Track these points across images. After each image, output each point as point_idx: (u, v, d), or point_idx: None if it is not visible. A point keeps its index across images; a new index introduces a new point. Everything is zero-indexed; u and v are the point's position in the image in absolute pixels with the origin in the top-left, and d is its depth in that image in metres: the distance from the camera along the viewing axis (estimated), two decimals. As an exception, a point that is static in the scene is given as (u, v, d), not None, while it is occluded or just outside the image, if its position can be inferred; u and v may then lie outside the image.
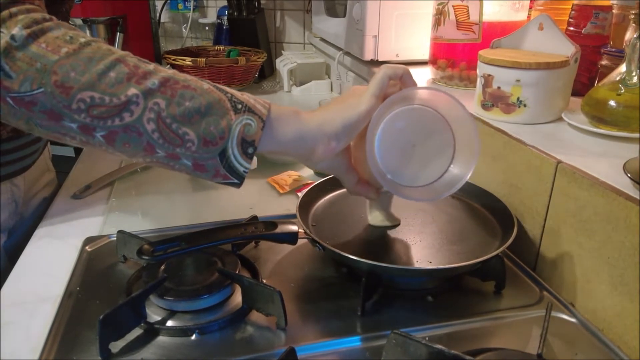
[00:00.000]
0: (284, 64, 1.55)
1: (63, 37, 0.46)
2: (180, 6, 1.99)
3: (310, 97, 1.48)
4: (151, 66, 0.48)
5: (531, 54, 0.77)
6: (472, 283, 0.61)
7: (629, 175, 0.53)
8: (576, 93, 0.79)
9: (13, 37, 0.44)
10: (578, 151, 0.64)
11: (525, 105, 0.74)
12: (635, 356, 0.50)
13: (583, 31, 0.82)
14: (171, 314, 0.55)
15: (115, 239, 0.66)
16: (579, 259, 0.58)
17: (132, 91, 0.45)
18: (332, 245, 0.58)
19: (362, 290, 0.56)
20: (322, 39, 1.55)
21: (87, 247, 0.69)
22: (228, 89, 0.50)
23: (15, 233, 0.80)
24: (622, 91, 0.66)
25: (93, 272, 0.64)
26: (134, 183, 0.92)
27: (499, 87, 0.76)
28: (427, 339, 0.48)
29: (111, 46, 0.48)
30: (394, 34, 1.13)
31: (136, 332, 0.53)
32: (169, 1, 1.96)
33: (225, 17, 1.74)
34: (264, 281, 0.61)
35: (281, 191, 0.87)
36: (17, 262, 0.67)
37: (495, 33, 0.87)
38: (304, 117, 0.52)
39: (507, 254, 0.67)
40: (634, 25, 0.68)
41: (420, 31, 1.11)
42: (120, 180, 0.93)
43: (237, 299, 0.57)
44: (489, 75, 0.76)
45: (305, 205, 0.70)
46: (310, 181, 0.87)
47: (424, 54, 1.07)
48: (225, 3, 1.71)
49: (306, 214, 0.69)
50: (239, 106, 0.48)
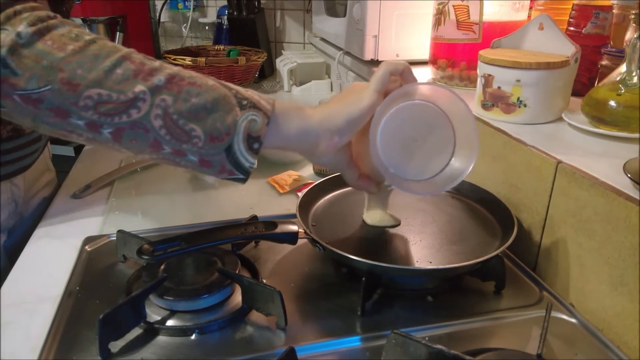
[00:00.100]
0: (284, 64, 1.55)
1: (68, 34, 0.46)
2: (180, 6, 1.99)
3: (310, 97, 1.47)
4: (157, 63, 0.48)
5: (531, 54, 0.77)
6: (472, 283, 0.61)
7: (629, 175, 0.53)
8: (576, 93, 0.79)
9: (19, 35, 0.44)
10: (578, 151, 0.64)
11: (525, 105, 0.74)
12: (635, 356, 0.50)
13: (583, 31, 0.82)
14: (171, 313, 0.55)
15: (115, 238, 0.66)
16: (578, 259, 0.58)
17: (139, 88, 0.45)
18: (332, 245, 0.58)
19: (362, 290, 0.56)
20: (322, 39, 1.55)
21: (86, 247, 0.69)
22: (233, 85, 0.50)
23: (15, 233, 0.80)
24: (622, 91, 0.66)
25: (93, 272, 0.64)
26: (134, 183, 0.92)
27: (499, 87, 0.76)
28: (427, 339, 0.48)
29: (116, 43, 0.48)
30: (394, 33, 1.13)
31: (136, 331, 0.53)
32: (168, 1, 1.96)
33: (225, 17, 1.74)
34: (264, 281, 0.61)
35: (281, 191, 0.87)
36: (16, 261, 0.67)
37: (495, 33, 0.87)
38: (307, 113, 0.52)
39: (507, 254, 0.67)
40: (634, 25, 0.68)
41: (421, 31, 1.11)
42: (120, 179, 0.93)
43: (237, 298, 0.57)
44: (489, 75, 0.76)
45: (305, 205, 0.70)
46: (310, 181, 0.87)
47: (424, 53, 1.07)
48: (225, 2, 1.71)
49: (306, 214, 0.69)
50: (244, 102, 0.48)
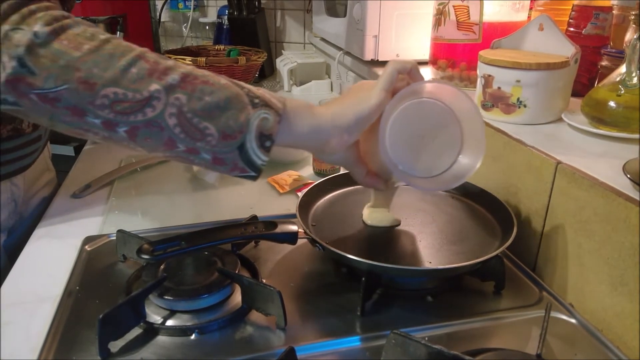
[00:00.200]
0: (284, 64, 1.55)
1: (83, 34, 0.46)
2: (181, 5, 1.99)
3: (310, 97, 1.47)
4: (170, 62, 0.48)
5: (531, 55, 0.77)
6: (471, 283, 0.61)
7: (628, 176, 0.53)
8: (576, 94, 0.79)
9: (36, 34, 0.44)
10: (578, 152, 0.64)
11: (525, 106, 0.74)
12: (634, 356, 0.50)
13: (583, 32, 0.82)
14: (171, 313, 0.55)
15: (115, 238, 0.66)
16: (578, 260, 0.58)
17: (154, 87, 0.46)
18: (331, 245, 0.58)
19: (362, 290, 0.56)
20: (323, 39, 1.55)
21: (86, 247, 0.69)
22: (244, 84, 0.51)
23: (14, 232, 0.80)
24: (622, 92, 0.66)
25: (92, 272, 0.64)
26: (134, 182, 0.92)
27: (499, 88, 0.76)
28: (426, 339, 0.48)
29: (130, 43, 0.48)
30: (394, 34, 1.14)
31: (135, 331, 0.53)
32: (169, 0, 1.96)
33: (226, 17, 1.74)
34: (264, 281, 0.61)
35: (281, 191, 0.87)
36: (16, 261, 0.67)
37: (495, 33, 0.87)
38: (318, 111, 0.53)
39: (507, 254, 0.67)
40: (634, 26, 0.68)
41: (421, 31, 1.12)
42: (120, 179, 0.93)
43: (237, 298, 0.57)
44: (489, 76, 0.76)
45: (305, 205, 0.70)
46: (310, 181, 0.87)
47: (424, 54, 1.07)
48: (225, 2, 1.71)
49: (306, 214, 0.69)
50: (256, 101, 0.49)
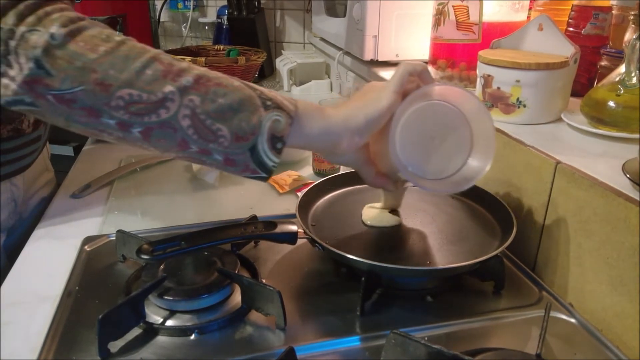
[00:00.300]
0: (283, 64, 1.55)
1: (99, 35, 0.46)
2: (180, 5, 1.99)
3: (310, 97, 1.47)
4: (184, 64, 0.49)
5: (531, 55, 0.77)
6: (471, 283, 0.61)
7: (628, 175, 0.53)
8: (575, 94, 0.79)
9: (52, 36, 0.44)
10: (577, 152, 0.64)
11: (524, 106, 0.74)
12: (634, 356, 0.50)
13: (582, 32, 0.82)
14: (170, 313, 0.55)
15: (115, 238, 0.66)
16: (578, 260, 0.58)
17: (168, 88, 0.46)
18: (331, 245, 0.58)
19: (362, 290, 0.56)
20: (322, 39, 1.55)
21: (86, 247, 0.69)
22: (257, 86, 0.51)
23: (14, 232, 0.80)
24: (622, 92, 0.67)
25: (92, 272, 0.64)
26: (134, 182, 0.92)
27: (498, 88, 0.76)
28: (426, 338, 0.48)
29: (144, 44, 0.49)
30: (394, 34, 1.14)
31: (135, 331, 0.53)
32: (168, 0, 1.96)
33: (225, 17, 1.74)
34: (264, 281, 0.61)
35: (281, 191, 0.87)
36: (16, 261, 0.67)
37: (495, 33, 0.87)
38: (329, 113, 0.53)
39: (507, 254, 0.67)
40: (633, 26, 0.68)
41: (420, 31, 1.11)
42: (119, 179, 0.93)
43: (237, 298, 0.57)
44: (489, 76, 0.76)
45: (305, 205, 0.70)
46: (310, 181, 0.87)
47: (424, 54, 1.07)
48: (225, 2, 1.71)
49: (306, 214, 0.69)
50: (268, 103, 0.49)
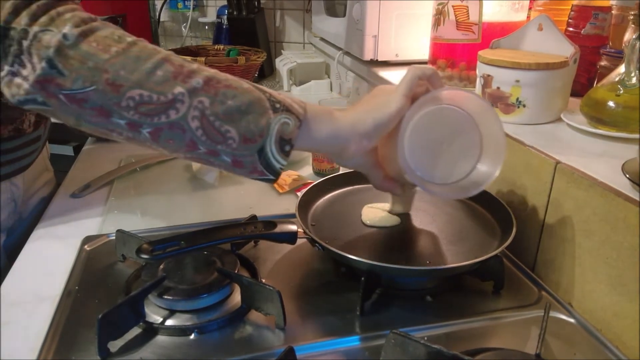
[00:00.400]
0: (283, 64, 1.55)
1: (111, 36, 0.47)
2: (180, 5, 1.99)
3: (309, 97, 1.47)
4: (194, 65, 0.49)
5: (530, 55, 0.77)
6: (471, 283, 0.61)
7: (627, 175, 0.53)
8: (575, 94, 0.79)
9: (65, 36, 0.45)
10: (577, 152, 0.64)
11: (524, 106, 0.74)
12: (633, 356, 0.50)
13: (582, 32, 0.82)
14: (170, 313, 0.55)
15: (115, 238, 0.66)
16: (577, 259, 0.58)
17: (178, 89, 0.46)
18: (331, 245, 0.58)
19: (361, 289, 0.56)
20: (322, 39, 1.55)
21: (86, 246, 0.69)
22: (266, 88, 0.51)
23: (14, 232, 0.80)
24: (621, 92, 0.67)
25: (92, 272, 0.64)
26: (134, 182, 0.92)
27: (498, 88, 0.76)
28: (425, 338, 0.48)
29: (155, 45, 0.49)
30: (394, 34, 1.14)
31: (135, 331, 0.53)
32: (168, 0, 1.96)
33: (225, 17, 1.74)
34: (263, 280, 0.61)
35: (280, 191, 0.87)
36: (16, 261, 0.67)
37: (494, 33, 0.87)
38: (337, 117, 0.53)
39: (506, 254, 0.67)
40: (633, 26, 0.68)
41: (420, 31, 1.12)
42: (119, 179, 0.93)
43: (236, 298, 0.57)
44: (489, 76, 0.76)
45: (305, 204, 0.70)
46: (309, 181, 0.87)
47: (424, 54, 1.07)
48: (225, 2, 1.71)
49: (305, 214, 0.69)
50: (277, 105, 0.49)
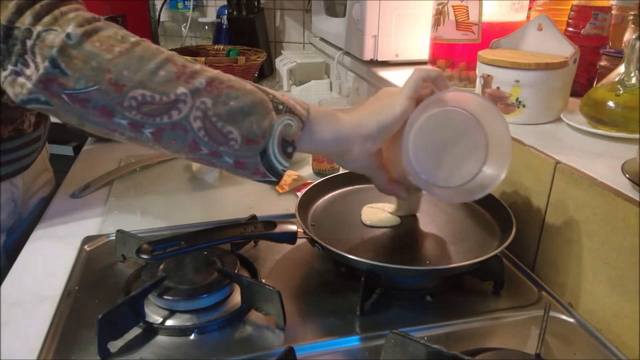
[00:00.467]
0: (283, 64, 1.55)
1: (115, 36, 0.47)
2: (180, 5, 1.99)
3: (309, 97, 1.47)
4: (197, 66, 0.49)
5: (530, 55, 0.77)
6: (471, 283, 0.61)
7: (627, 175, 0.53)
8: (575, 94, 0.79)
9: (68, 36, 0.45)
10: (577, 152, 0.64)
11: (524, 106, 0.74)
12: (633, 356, 0.51)
13: (582, 32, 0.82)
14: (170, 313, 0.55)
15: (114, 238, 0.66)
16: (577, 259, 0.58)
17: (180, 90, 0.46)
18: (331, 245, 0.58)
19: (361, 289, 0.56)
20: (322, 39, 1.55)
21: (85, 247, 0.69)
22: (269, 90, 0.51)
23: (14, 232, 0.80)
24: (621, 92, 0.67)
25: (92, 272, 0.64)
26: (133, 182, 0.92)
27: (498, 88, 0.76)
28: (425, 338, 0.48)
29: (158, 45, 0.49)
30: (394, 34, 1.14)
31: (135, 331, 0.53)
32: (168, 0, 1.96)
33: (225, 17, 1.74)
34: (263, 281, 0.61)
35: (280, 191, 0.87)
36: (15, 261, 0.67)
37: (494, 33, 0.87)
38: (340, 119, 0.53)
39: (506, 254, 0.67)
40: (632, 26, 0.68)
41: (420, 31, 1.12)
42: (119, 179, 0.93)
43: (236, 298, 0.57)
44: (488, 76, 0.76)
45: (305, 204, 0.70)
46: (309, 181, 0.87)
47: (424, 54, 1.07)
48: (225, 2, 1.71)
49: (305, 214, 0.69)
50: (280, 107, 0.49)
